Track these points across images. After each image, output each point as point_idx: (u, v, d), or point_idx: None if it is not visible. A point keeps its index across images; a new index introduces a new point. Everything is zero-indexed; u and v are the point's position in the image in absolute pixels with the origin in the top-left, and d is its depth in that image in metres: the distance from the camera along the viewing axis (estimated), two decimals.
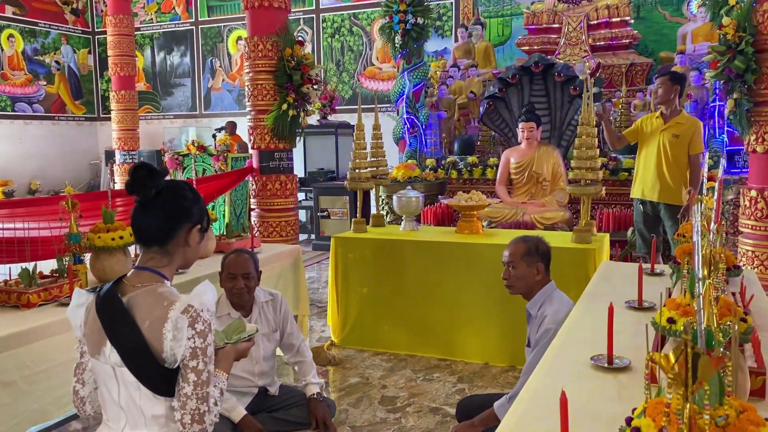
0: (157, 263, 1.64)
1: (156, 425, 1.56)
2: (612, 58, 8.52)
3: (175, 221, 1.64)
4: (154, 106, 13.79)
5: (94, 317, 1.60)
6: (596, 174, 4.06)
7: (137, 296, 1.57)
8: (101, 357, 1.58)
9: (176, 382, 1.54)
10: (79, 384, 1.70)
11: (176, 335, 1.50)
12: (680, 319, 1.53)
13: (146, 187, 1.60)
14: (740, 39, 3.93)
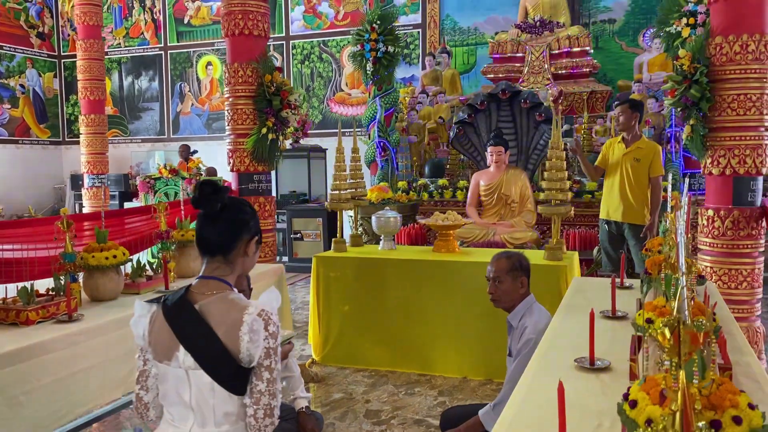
0: (222, 272, 1.78)
1: (227, 423, 1.69)
2: (573, 86, 8.91)
3: (236, 233, 1.79)
4: (121, 130, 13.73)
5: (161, 325, 1.72)
6: (566, 195, 4.30)
7: (210, 303, 1.70)
8: (173, 362, 1.70)
9: (248, 381, 1.67)
10: (143, 391, 1.82)
11: (253, 337, 1.64)
12: (658, 319, 1.72)
13: (212, 201, 1.75)
14: (695, 69, 4.23)
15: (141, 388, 1.82)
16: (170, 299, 1.75)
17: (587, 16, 10.44)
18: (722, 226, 4.30)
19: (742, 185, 4.26)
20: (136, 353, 1.84)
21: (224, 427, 1.70)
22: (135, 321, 1.81)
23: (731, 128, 4.19)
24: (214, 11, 12.87)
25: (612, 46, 10.38)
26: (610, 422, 1.65)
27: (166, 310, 1.73)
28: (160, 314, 1.74)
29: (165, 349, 1.71)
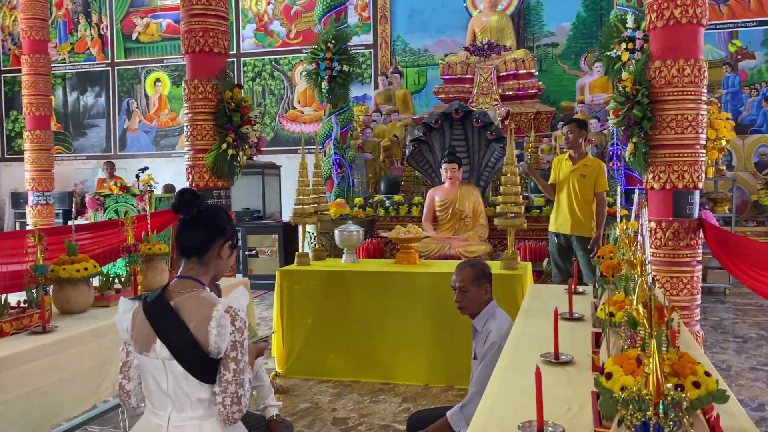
0: (196, 273, 1.93)
1: (201, 408, 1.83)
2: (520, 107, 9.28)
3: (211, 236, 1.94)
4: (65, 147, 13.44)
5: (142, 320, 1.86)
6: (520, 208, 4.53)
7: (183, 300, 1.85)
8: (151, 353, 1.83)
9: (218, 371, 1.80)
10: (125, 380, 1.94)
11: (220, 331, 1.78)
12: (618, 312, 1.91)
13: (189, 207, 1.91)
14: (637, 91, 4.55)
15: (123, 377, 1.94)
16: (150, 296, 1.90)
17: (532, 40, 10.92)
18: (664, 236, 4.60)
19: (681, 199, 4.58)
20: (121, 347, 1.95)
21: (200, 411, 1.84)
22: (119, 317, 1.93)
23: (670, 146, 4.52)
24: (164, 28, 12.82)
25: (555, 68, 10.87)
26: (579, 406, 1.83)
27: (145, 307, 1.87)
28: (141, 310, 1.88)
29: (145, 342, 1.85)
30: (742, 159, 9.96)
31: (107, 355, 3.05)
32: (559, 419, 1.72)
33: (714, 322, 6.50)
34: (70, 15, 13.36)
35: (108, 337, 3.06)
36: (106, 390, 3.03)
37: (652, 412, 1.06)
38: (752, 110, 10.02)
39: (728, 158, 9.74)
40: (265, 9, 12.18)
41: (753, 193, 9.66)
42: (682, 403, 1.07)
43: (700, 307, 4.81)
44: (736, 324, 6.48)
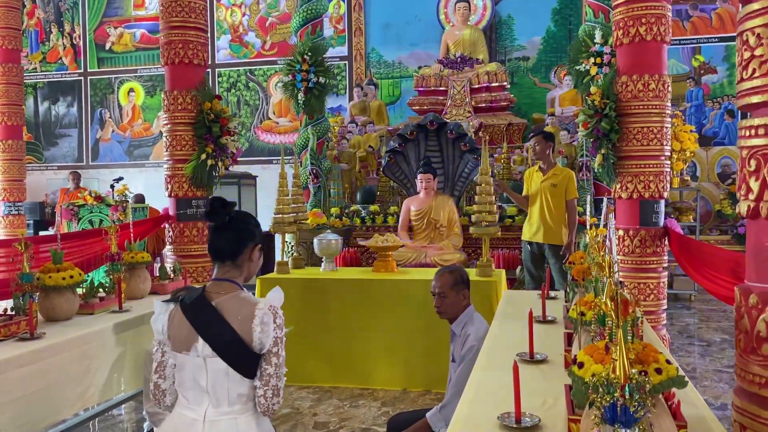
0: (232, 275, 2.06)
1: (238, 402, 1.95)
2: (492, 119, 9.49)
3: (243, 241, 2.07)
4: (36, 157, 13.29)
5: (180, 321, 1.97)
6: (494, 216, 4.69)
7: (224, 301, 1.97)
8: (192, 352, 1.94)
9: (258, 366, 1.93)
10: (161, 379, 2.03)
11: (263, 328, 1.91)
12: (589, 312, 2.04)
13: (221, 215, 2.04)
14: (605, 105, 4.75)
15: (159, 377, 2.03)
16: (188, 298, 2.01)
17: (503, 54, 11.17)
18: (631, 244, 4.80)
19: (647, 208, 4.78)
20: (155, 347, 2.05)
21: (236, 406, 1.95)
22: (155, 318, 2.03)
23: (637, 157, 4.72)
24: (138, 38, 12.81)
25: (526, 81, 11.13)
26: (553, 399, 1.96)
27: (184, 308, 1.98)
28: (179, 311, 1.99)
29: (183, 341, 1.95)
30: (706, 170, 10.30)
31: (93, 362, 3.11)
32: (535, 411, 1.84)
33: (680, 327, 6.73)
34: (42, 24, 13.27)
35: (94, 343, 3.12)
36: (93, 396, 3.09)
37: (619, 394, 1.19)
38: (715, 123, 10.38)
39: (692, 169, 10.07)
40: (240, 20, 12.25)
41: (716, 203, 10.00)
42: (645, 386, 1.20)
43: (666, 312, 5.01)
44: (701, 329, 6.72)
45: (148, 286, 4.00)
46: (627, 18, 4.67)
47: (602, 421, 1.22)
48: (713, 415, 1.78)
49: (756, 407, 1.81)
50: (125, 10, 12.84)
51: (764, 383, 1.78)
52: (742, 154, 1.86)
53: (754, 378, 1.81)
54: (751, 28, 1.79)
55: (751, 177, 1.81)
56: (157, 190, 9.32)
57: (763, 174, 1.77)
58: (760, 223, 1.82)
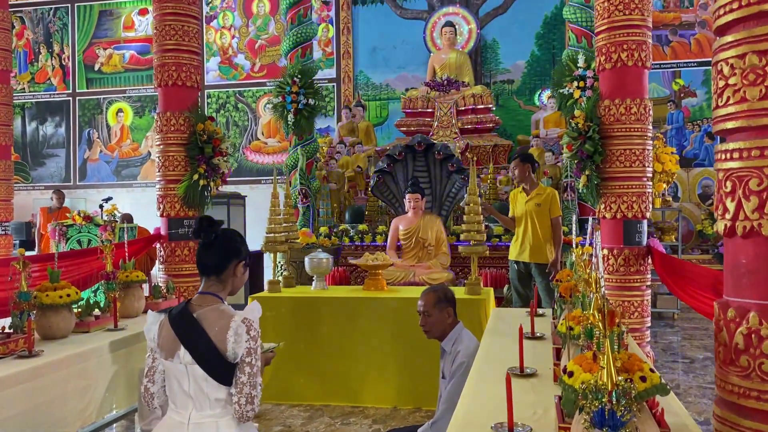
0: (215, 289, 2.20)
1: (218, 406, 2.09)
2: (478, 140, 9.64)
3: (227, 257, 2.21)
4: (22, 177, 13.26)
5: (167, 330, 2.13)
6: (482, 235, 4.79)
7: (205, 312, 2.12)
8: (175, 359, 2.09)
9: (234, 374, 2.06)
10: (150, 383, 2.19)
11: (237, 339, 2.05)
12: (577, 327, 2.14)
13: (207, 232, 2.20)
14: (588, 127, 4.89)
15: (149, 381, 2.19)
16: (174, 310, 2.17)
17: (489, 77, 11.40)
18: (615, 263, 4.91)
19: (630, 227, 4.91)
20: (147, 354, 2.20)
21: (217, 410, 2.09)
22: (148, 327, 2.20)
23: (620, 178, 4.86)
24: (127, 59, 12.89)
25: (511, 104, 11.35)
26: (543, 410, 2.04)
27: (171, 318, 2.15)
28: (167, 321, 2.15)
29: (170, 349, 2.11)
30: (687, 191, 10.52)
31: (91, 379, 3.15)
32: (526, 421, 1.93)
33: (664, 345, 6.85)
34: (31, 45, 13.33)
35: (92, 361, 3.16)
36: (91, 415, 3.12)
37: (607, 400, 1.28)
38: (695, 145, 10.63)
39: (674, 190, 10.28)
40: (229, 42, 12.39)
41: (698, 223, 10.20)
42: (631, 392, 1.29)
43: (650, 329, 5.12)
44: (684, 346, 6.84)
45: (142, 304, 4.05)
46: (609, 44, 4.84)
47: (591, 426, 1.31)
48: (695, 423, 1.88)
49: (735, 416, 1.90)
50: (115, 32, 12.94)
51: (743, 393, 1.88)
52: (719, 176, 1.98)
53: (733, 388, 1.91)
54: (725, 59, 1.92)
55: (728, 198, 1.93)
56: (145, 209, 9.34)
57: (739, 195, 1.88)
58: (736, 241, 1.93)
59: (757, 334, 1.84)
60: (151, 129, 12.70)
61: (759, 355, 1.84)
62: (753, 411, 1.85)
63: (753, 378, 1.85)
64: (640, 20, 4.79)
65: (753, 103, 1.85)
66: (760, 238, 1.85)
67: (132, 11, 12.90)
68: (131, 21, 12.89)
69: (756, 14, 1.84)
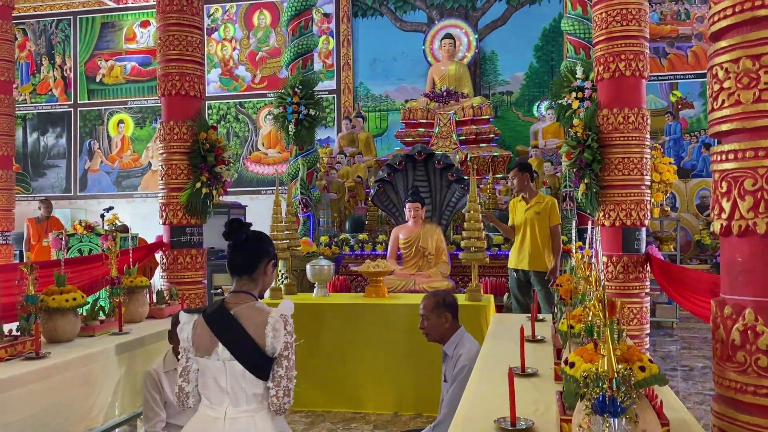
0: (249, 288, 2.29)
1: (255, 401, 2.16)
2: (477, 151, 9.71)
3: (258, 257, 2.30)
4: (23, 187, 13.29)
5: (203, 329, 2.19)
6: (483, 242, 4.84)
7: (241, 310, 2.19)
8: (212, 356, 2.15)
9: (271, 369, 2.14)
10: (185, 383, 2.25)
11: (275, 334, 2.12)
12: (577, 325, 2.18)
13: (238, 234, 2.28)
14: (587, 136, 4.97)
15: (183, 380, 2.25)
16: (209, 309, 2.25)
17: (488, 88, 11.49)
18: (614, 270, 4.96)
19: (629, 235, 4.97)
20: (180, 354, 2.26)
21: (253, 405, 2.15)
22: (181, 327, 2.26)
23: (618, 186, 4.92)
24: (128, 71, 12.99)
25: (510, 115, 11.43)
26: (545, 407, 2.09)
27: (206, 317, 2.21)
28: (201, 320, 2.22)
29: (206, 347, 2.18)
30: (685, 201, 10.58)
31: (97, 382, 3.18)
32: (528, 416, 1.97)
33: (663, 353, 6.88)
34: (33, 56, 13.43)
35: (98, 363, 3.20)
36: (97, 417, 3.15)
37: (608, 386, 1.33)
38: (693, 156, 10.71)
39: (672, 200, 10.35)
40: (230, 54, 12.50)
41: (696, 233, 10.26)
42: (630, 379, 1.34)
43: (649, 336, 5.16)
44: (683, 355, 6.87)
45: (146, 310, 4.09)
46: (607, 54, 4.92)
47: (593, 412, 1.35)
48: (693, 418, 1.92)
49: (733, 411, 1.94)
50: (116, 43, 13.05)
51: (740, 388, 1.92)
52: (715, 177, 2.04)
53: (730, 384, 1.95)
54: (720, 63, 1.98)
55: (723, 198, 1.98)
56: (145, 220, 9.39)
57: (734, 195, 1.94)
58: (732, 240, 1.98)
59: (753, 330, 1.89)
60: (151, 140, 12.78)
61: (755, 350, 1.88)
62: (750, 406, 1.90)
63: (749, 373, 1.89)
64: (637, 31, 4.87)
65: (747, 105, 1.91)
66: (755, 237, 1.90)
67: (134, 23, 13.01)
68: (133, 33, 13.00)
69: (749, 20, 1.90)
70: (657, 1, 10.73)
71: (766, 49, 1.87)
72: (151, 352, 3.62)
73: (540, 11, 11.29)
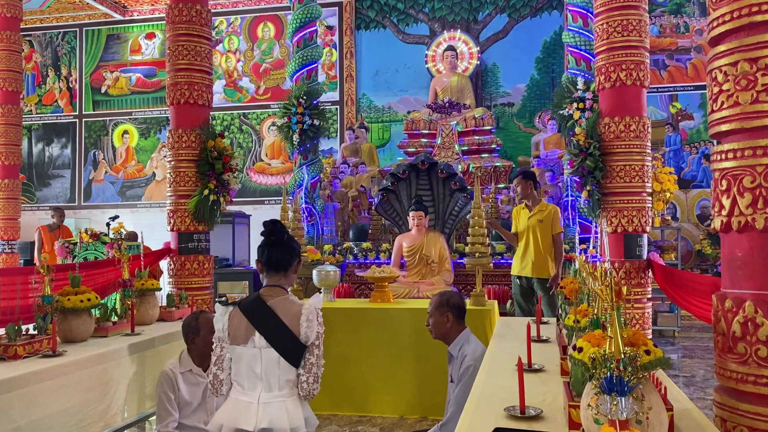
0: (282, 282, 2.49)
1: (287, 387, 2.36)
2: (479, 161, 9.82)
3: (293, 255, 2.52)
4: (27, 197, 13.39)
5: (239, 319, 2.38)
6: (486, 248, 4.91)
7: (277, 302, 2.40)
8: (249, 344, 2.35)
9: (303, 356, 2.35)
10: (219, 371, 2.42)
11: (309, 324, 2.34)
12: (583, 319, 2.25)
13: (280, 233, 2.50)
14: (589, 144, 5.06)
15: (218, 369, 2.42)
16: (245, 301, 2.44)
17: (489, 100, 11.61)
18: (617, 276, 5.03)
19: (631, 241, 5.05)
20: (214, 344, 2.42)
21: (285, 390, 2.36)
22: (217, 318, 2.44)
23: (620, 193, 5.01)
24: (133, 82, 13.12)
25: (511, 126, 11.55)
26: (552, 398, 2.15)
27: (243, 308, 2.40)
28: (237, 311, 2.40)
29: (242, 336, 2.37)
30: (686, 211, 10.67)
31: (113, 380, 3.25)
32: (536, 406, 2.03)
33: None
34: (39, 68, 13.57)
35: (112, 362, 3.27)
36: (115, 416, 3.21)
37: (615, 367, 1.40)
38: (693, 166, 10.80)
39: (672, 210, 10.43)
40: (234, 66, 12.63)
41: (696, 243, 10.33)
42: (637, 359, 1.41)
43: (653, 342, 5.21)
44: (684, 363, 6.92)
45: (156, 312, 4.16)
46: (608, 64, 5.02)
47: (601, 392, 1.43)
48: (695, 407, 1.99)
49: (734, 401, 2.02)
50: (122, 55, 13.19)
51: (740, 378, 1.99)
52: (715, 176, 2.12)
53: (731, 374, 2.03)
54: (719, 67, 2.07)
55: (723, 195, 2.06)
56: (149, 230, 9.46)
57: (733, 192, 2.02)
58: (732, 236, 2.06)
59: (753, 322, 1.96)
60: (155, 150, 12.89)
61: (755, 341, 1.96)
62: (750, 395, 1.97)
63: (750, 363, 1.97)
64: (637, 41, 4.98)
65: (745, 106, 2.00)
66: (754, 232, 1.98)
67: (139, 35, 13.17)
68: (138, 44, 13.15)
69: (747, 25, 1.99)
70: (657, 14, 10.88)
71: (763, 52, 1.96)
72: (162, 354, 3.69)
73: (541, 24, 11.45)
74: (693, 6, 10.83)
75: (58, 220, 10.15)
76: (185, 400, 3.26)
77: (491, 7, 11.65)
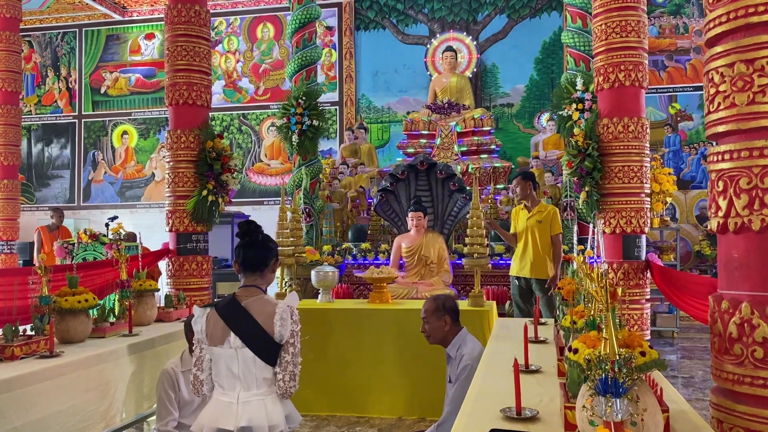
0: (258, 282, 2.49)
1: (265, 385, 2.36)
2: (479, 162, 9.81)
3: (268, 255, 2.51)
4: (27, 198, 13.38)
5: (215, 320, 2.40)
6: (485, 249, 4.91)
7: (252, 302, 2.40)
8: (225, 344, 2.36)
9: (279, 355, 2.34)
10: (199, 371, 2.44)
11: (282, 323, 2.34)
12: (580, 321, 2.25)
13: (254, 233, 2.50)
14: (588, 145, 5.06)
15: (198, 369, 2.45)
16: (221, 302, 2.45)
17: (488, 100, 11.61)
18: (615, 277, 5.04)
19: (629, 242, 5.05)
20: (195, 345, 2.44)
21: (263, 389, 2.36)
22: (195, 320, 2.47)
23: (619, 194, 5.01)
24: (133, 82, 13.12)
25: (510, 127, 11.54)
26: (549, 399, 2.15)
27: (219, 309, 2.42)
28: (214, 313, 2.43)
29: (219, 337, 2.38)
30: (685, 212, 10.67)
31: (111, 381, 3.24)
32: (532, 407, 2.03)
33: None
34: (38, 68, 13.57)
35: (110, 363, 3.26)
36: (114, 417, 3.21)
37: (610, 368, 1.40)
38: (692, 167, 10.80)
39: (672, 211, 10.43)
40: (234, 66, 12.63)
41: (695, 244, 10.33)
42: (632, 361, 1.41)
43: (649, 343, 5.21)
44: (683, 363, 6.92)
45: (154, 313, 4.16)
46: (607, 65, 5.02)
47: (596, 393, 1.42)
48: (692, 409, 1.99)
49: (730, 402, 2.01)
50: (121, 56, 13.19)
51: (737, 380, 1.99)
52: (712, 177, 2.12)
53: (728, 376, 2.02)
54: (716, 68, 2.07)
55: (720, 196, 2.06)
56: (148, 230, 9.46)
57: (730, 193, 2.02)
58: (728, 237, 2.06)
59: (749, 323, 1.96)
60: (155, 150, 12.89)
61: (751, 343, 1.96)
62: (747, 396, 1.97)
63: (746, 365, 1.96)
64: (636, 42, 4.98)
65: (741, 107, 2.00)
66: (750, 233, 1.98)
67: (138, 36, 13.16)
68: (137, 45, 13.15)
69: (743, 26, 1.99)
70: (656, 15, 10.88)
71: (760, 53, 1.96)
72: (160, 354, 3.69)
73: (540, 24, 11.45)
74: (692, 7, 10.83)
75: (57, 221, 10.18)
76: (185, 399, 3.26)
77: (490, 8, 11.65)
